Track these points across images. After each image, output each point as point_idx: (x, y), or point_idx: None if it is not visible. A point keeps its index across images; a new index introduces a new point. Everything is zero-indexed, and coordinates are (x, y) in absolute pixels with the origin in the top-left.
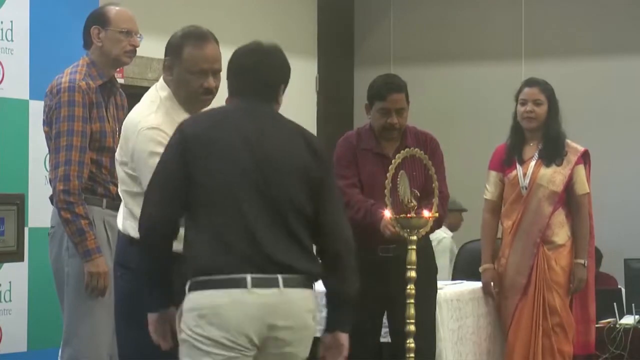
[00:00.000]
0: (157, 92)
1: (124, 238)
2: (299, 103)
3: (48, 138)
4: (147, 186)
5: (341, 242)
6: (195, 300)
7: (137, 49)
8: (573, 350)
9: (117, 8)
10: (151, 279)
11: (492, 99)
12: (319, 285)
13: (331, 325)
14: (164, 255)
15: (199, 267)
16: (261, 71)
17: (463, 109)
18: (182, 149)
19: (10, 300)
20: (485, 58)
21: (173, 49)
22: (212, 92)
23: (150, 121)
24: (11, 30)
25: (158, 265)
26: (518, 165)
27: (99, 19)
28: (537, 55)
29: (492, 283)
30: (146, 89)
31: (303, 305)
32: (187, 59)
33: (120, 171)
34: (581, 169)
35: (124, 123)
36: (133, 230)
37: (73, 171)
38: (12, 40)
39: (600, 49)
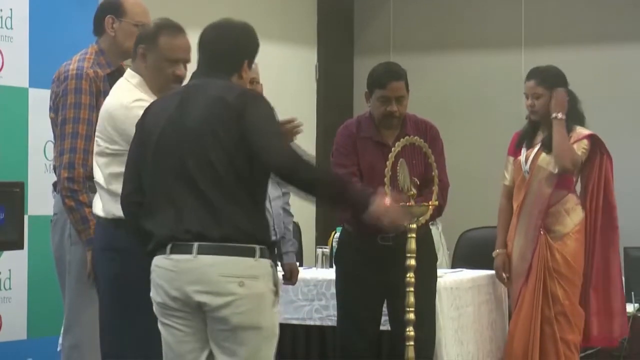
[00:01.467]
0: (128, 81)
1: (107, 222)
2: (298, 91)
3: (54, 124)
4: None
5: (281, 169)
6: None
7: None
8: (595, 342)
9: (132, 0)
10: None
11: (492, 87)
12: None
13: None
14: (137, 232)
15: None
16: (217, 44)
17: (463, 97)
18: (138, 131)
19: (10, 289)
20: (485, 47)
21: (148, 37)
22: (181, 80)
23: (136, 96)
24: (11, 18)
25: (142, 235)
26: (523, 150)
27: (114, 8)
28: (536, 43)
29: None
30: None
31: (216, 271)
32: (163, 47)
33: (101, 159)
34: (579, 144)
35: (103, 112)
36: (119, 211)
37: (78, 159)
38: (11, 28)
39: (600, 37)
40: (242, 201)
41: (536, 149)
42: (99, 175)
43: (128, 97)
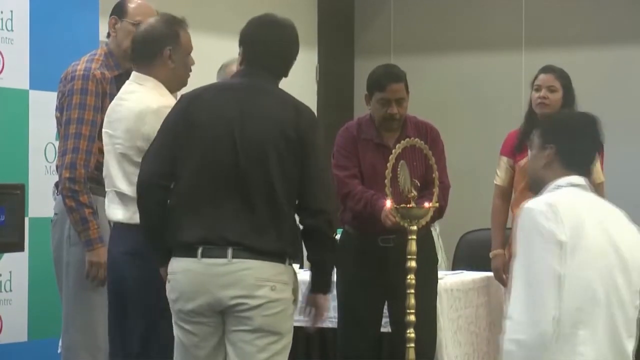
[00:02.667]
0: (142, 85)
1: (130, 227)
2: (299, 92)
3: (59, 124)
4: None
5: (316, 217)
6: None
7: None
8: None
9: (138, 1)
10: (151, 235)
11: (492, 88)
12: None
13: (312, 287)
14: (155, 210)
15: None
16: (274, 45)
17: (463, 98)
18: (181, 121)
19: (10, 290)
20: (486, 48)
21: (171, 36)
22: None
23: (165, 102)
24: (11, 19)
25: (154, 220)
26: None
27: (118, 9)
28: (537, 44)
29: (502, 269)
30: None
31: (252, 274)
32: (185, 42)
33: (130, 167)
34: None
35: (127, 116)
36: None
37: (80, 159)
38: (12, 29)
39: (601, 38)
40: (287, 220)
41: None
42: (124, 185)
43: (158, 102)
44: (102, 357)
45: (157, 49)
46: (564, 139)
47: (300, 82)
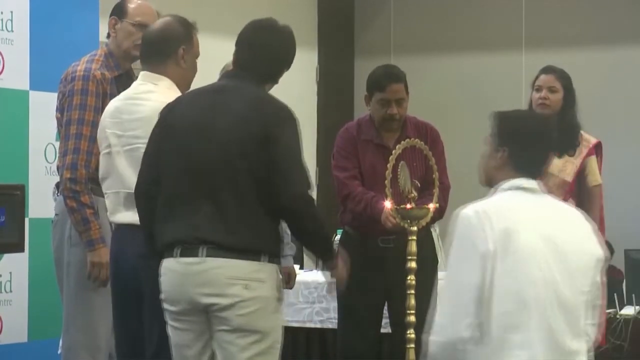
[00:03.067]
0: (157, 85)
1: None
2: (299, 93)
3: (59, 125)
4: None
5: (282, 199)
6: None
7: None
8: None
9: (138, 1)
10: (148, 239)
11: (492, 89)
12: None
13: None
14: (146, 215)
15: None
16: (262, 48)
17: (464, 99)
18: (162, 125)
19: (10, 291)
20: (486, 48)
21: (186, 36)
22: None
23: None
24: (11, 20)
25: (147, 224)
26: None
27: (118, 9)
28: (537, 45)
29: None
30: None
31: (223, 273)
32: (196, 44)
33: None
34: (593, 160)
35: (151, 116)
36: None
37: (81, 160)
38: (12, 30)
39: (601, 38)
40: (259, 216)
41: None
42: None
43: None
44: (103, 357)
45: (173, 47)
46: (517, 143)
47: (301, 82)
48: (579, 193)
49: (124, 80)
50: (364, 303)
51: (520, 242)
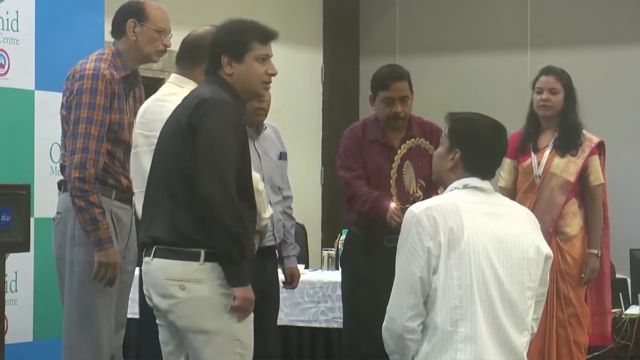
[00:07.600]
0: (183, 88)
1: None
2: (304, 93)
3: (64, 122)
4: None
5: (200, 203)
6: None
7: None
8: (589, 341)
9: (155, 4)
10: None
11: (497, 89)
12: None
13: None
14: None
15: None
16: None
17: (469, 99)
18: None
19: (16, 291)
20: (491, 48)
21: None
22: None
23: None
24: (17, 20)
25: None
26: (533, 154)
27: (137, 12)
28: (542, 45)
29: None
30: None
31: (161, 274)
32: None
33: None
34: (595, 159)
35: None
36: None
37: (89, 160)
38: (17, 30)
39: (606, 38)
40: (190, 207)
41: (547, 152)
42: None
43: None
44: (104, 357)
45: (203, 57)
46: (470, 146)
47: (306, 83)
48: (582, 193)
49: (131, 80)
50: (369, 302)
51: (467, 240)
